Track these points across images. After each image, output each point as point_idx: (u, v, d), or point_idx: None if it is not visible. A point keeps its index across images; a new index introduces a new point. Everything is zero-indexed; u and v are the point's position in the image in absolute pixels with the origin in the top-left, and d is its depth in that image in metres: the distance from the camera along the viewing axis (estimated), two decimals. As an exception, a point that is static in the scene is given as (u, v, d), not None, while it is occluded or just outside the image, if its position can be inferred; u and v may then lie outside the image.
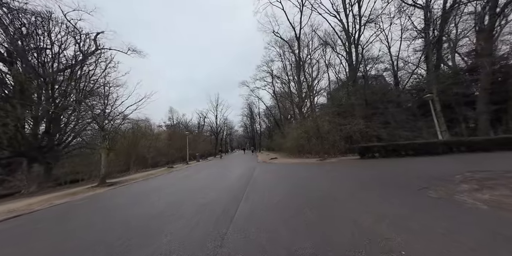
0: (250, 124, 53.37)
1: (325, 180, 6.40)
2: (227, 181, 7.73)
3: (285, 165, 12.27)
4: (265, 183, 6.71)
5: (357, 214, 3.16)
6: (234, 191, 5.77)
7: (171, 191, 6.71)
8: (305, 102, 24.88)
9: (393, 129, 15.32)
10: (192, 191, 6.38)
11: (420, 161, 8.69)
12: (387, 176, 6.17)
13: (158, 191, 7.00)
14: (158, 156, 23.27)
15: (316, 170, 8.85)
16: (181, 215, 3.88)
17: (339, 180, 6.21)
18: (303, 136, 17.94)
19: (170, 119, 45.53)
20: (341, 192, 4.68)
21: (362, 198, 4.06)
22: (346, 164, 9.92)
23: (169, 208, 4.50)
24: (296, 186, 5.91)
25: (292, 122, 38.03)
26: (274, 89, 35.42)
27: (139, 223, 3.64)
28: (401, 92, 21.01)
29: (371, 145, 10.95)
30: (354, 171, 7.73)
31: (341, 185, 5.46)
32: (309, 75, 27.68)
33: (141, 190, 7.87)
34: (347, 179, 6.22)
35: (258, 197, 4.76)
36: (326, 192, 4.83)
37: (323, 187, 5.43)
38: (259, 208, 3.92)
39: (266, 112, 45.19)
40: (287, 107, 39.07)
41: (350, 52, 20.26)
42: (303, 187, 5.70)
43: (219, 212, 3.86)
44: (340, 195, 4.40)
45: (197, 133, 49.90)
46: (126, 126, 23.72)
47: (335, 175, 7.33)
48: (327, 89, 28.63)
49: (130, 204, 5.41)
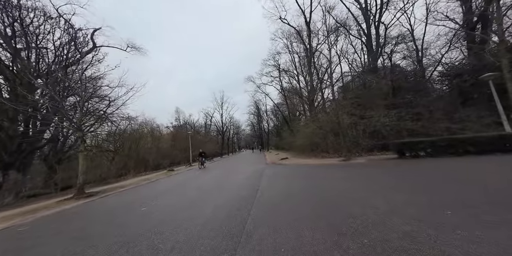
0: (257, 123, 50.93)
1: (379, 200, 3.75)
2: (225, 194, 5.38)
3: (300, 168, 9.80)
4: (277, 203, 4.27)
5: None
6: (230, 221, 3.36)
7: (151, 210, 4.49)
8: (317, 95, 22.18)
9: (429, 121, 12.44)
10: (176, 211, 4.11)
11: (502, 163, 6.03)
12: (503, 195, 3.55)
13: (133, 209, 4.79)
14: (160, 158, 21.38)
15: (348, 176, 6.33)
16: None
17: (410, 203, 3.46)
18: (317, 133, 15.37)
19: (176, 119, 44.07)
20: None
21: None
22: (386, 167, 7.30)
23: (137, 240, 2.23)
24: (336, 212, 3.39)
25: (301, 119, 35.32)
26: (282, 85, 32.81)
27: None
28: (428, 80, 17.93)
29: (415, 141, 8.22)
30: (414, 180, 5.16)
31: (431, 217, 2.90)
32: (319, 67, 24.92)
33: (120, 204, 5.73)
34: (419, 201, 3.63)
35: (268, 241, 2.37)
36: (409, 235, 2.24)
37: (394, 223, 2.77)
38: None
39: (273, 109, 42.67)
40: (296, 103, 36.39)
41: (369, 36, 17.39)
42: (352, 217, 3.02)
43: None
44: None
45: (204, 133, 48.26)
46: (127, 127, 22.09)
47: (386, 185, 4.79)
48: (338, 83, 25.66)
49: (85, 236, 3.20)
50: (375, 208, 3.11)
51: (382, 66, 19.26)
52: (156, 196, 6.35)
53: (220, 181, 7.84)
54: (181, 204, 4.85)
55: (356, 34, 19.76)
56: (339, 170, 7.75)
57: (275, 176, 7.84)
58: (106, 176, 15.63)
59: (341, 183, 5.42)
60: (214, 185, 7.17)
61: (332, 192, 4.48)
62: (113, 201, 6.49)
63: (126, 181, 12.08)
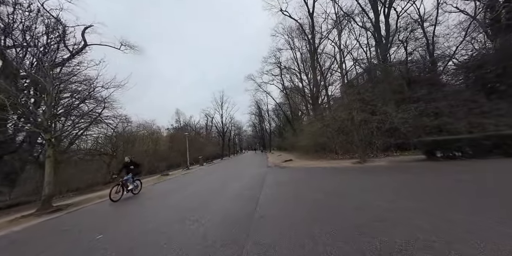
0: (258, 123, 49.45)
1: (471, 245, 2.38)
2: (213, 213, 3.92)
3: (308, 173, 8.30)
4: (285, 231, 2.79)
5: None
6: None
7: (106, 238, 3.07)
8: (320, 92, 20.70)
9: (452, 117, 10.87)
10: (137, 246, 2.66)
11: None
12: None
13: (86, 237, 3.35)
14: (156, 161, 19.99)
15: (375, 188, 4.82)
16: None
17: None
18: (323, 132, 13.87)
19: (177, 121, 42.89)
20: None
21: None
22: (420, 173, 5.73)
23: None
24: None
25: (304, 119, 33.80)
26: (283, 83, 31.36)
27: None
28: (442, 73, 16.34)
29: (450, 139, 6.65)
30: (497, 198, 3.65)
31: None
32: (323, 63, 23.45)
33: (79, 225, 4.32)
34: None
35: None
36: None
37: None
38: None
39: (275, 109, 41.22)
40: (298, 103, 34.93)
41: (378, 26, 15.91)
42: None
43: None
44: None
45: (204, 135, 46.98)
46: (125, 129, 20.82)
47: (455, 209, 3.27)
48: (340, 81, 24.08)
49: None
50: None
51: (391, 58, 17.71)
52: (126, 214, 4.91)
53: (211, 192, 6.37)
54: (147, 234, 3.39)
55: (362, 27, 18.26)
56: (359, 177, 6.24)
57: (279, 184, 6.35)
58: (93, 182, 14.28)
59: (369, 198, 3.91)
60: (203, 197, 5.70)
61: (362, 218, 2.95)
62: (75, 220, 5.07)
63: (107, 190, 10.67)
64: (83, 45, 17.06)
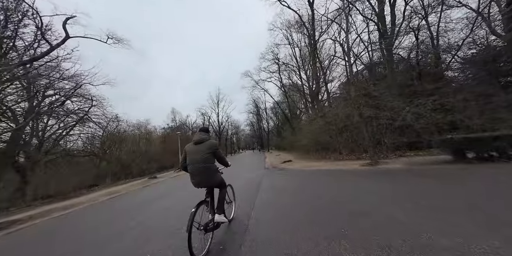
0: (256, 122, 48.14)
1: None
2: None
3: (312, 175, 7.04)
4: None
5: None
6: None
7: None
8: (321, 88, 19.47)
9: (469, 112, 9.68)
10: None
11: None
12: None
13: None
14: (146, 162, 18.62)
15: (409, 201, 3.59)
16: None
17: None
18: (326, 130, 12.63)
19: (173, 120, 41.38)
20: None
21: None
22: (457, 178, 4.55)
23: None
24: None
25: (302, 118, 32.57)
26: (282, 80, 30.09)
27: None
28: (447, 68, 15.17)
29: (486, 136, 5.37)
30: None
31: None
32: (323, 59, 22.20)
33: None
34: None
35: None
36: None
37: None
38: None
39: (273, 107, 39.95)
40: (297, 101, 33.70)
41: (383, 16, 14.69)
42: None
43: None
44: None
45: (201, 134, 45.44)
46: (116, 129, 19.40)
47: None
48: (340, 79, 22.84)
49: None
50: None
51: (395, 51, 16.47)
52: (101, 224, 3.60)
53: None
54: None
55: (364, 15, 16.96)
56: (374, 183, 4.98)
57: (277, 194, 5.08)
58: (75, 186, 12.88)
59: (403, 217, 2.65)
60: (180, 212, 4.41)
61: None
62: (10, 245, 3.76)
63: (88, 196, 9.32)
64: (64, 37, 15.73)
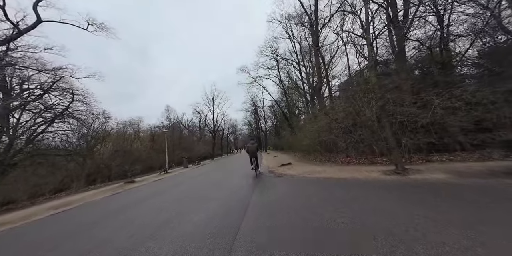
0: (254, 121, 46.23)
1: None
2: None
3: (320, 187, 5.10)
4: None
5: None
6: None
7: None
8: (324, 83, 17.66)
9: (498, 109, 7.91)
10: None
11: None
12: None
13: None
14: (129, 163, 16.61)
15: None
16: None
17: None
18: (331, 128, 10.80)
19: (168, 118, 39.22)
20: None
21: None
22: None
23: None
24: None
25: (301, 117, 30.84)
26: (280, 77, 28.23)
27: None
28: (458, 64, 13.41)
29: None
30: None
31: None
32: (325, 53, 20.35)
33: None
34: None
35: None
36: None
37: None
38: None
39: (271, 105, 38.10)
40: (296, 100, 31.90)
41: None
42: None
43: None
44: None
45: (198, 134, 43.57)
46: (102, 126, 17.43)
47: None
48: (341, 78, 20.96)
49: None
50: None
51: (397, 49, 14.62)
52: None
53: (175, 211, 3.16)
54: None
55: (368, 14, 15.14)
56: (433, 211, 3.12)
57: (272, 227, 3.19)
58: (42, 190, 10.89)
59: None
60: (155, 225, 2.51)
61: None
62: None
63: (28, 209, 7.33)
64: (36, 21, 13.77)
